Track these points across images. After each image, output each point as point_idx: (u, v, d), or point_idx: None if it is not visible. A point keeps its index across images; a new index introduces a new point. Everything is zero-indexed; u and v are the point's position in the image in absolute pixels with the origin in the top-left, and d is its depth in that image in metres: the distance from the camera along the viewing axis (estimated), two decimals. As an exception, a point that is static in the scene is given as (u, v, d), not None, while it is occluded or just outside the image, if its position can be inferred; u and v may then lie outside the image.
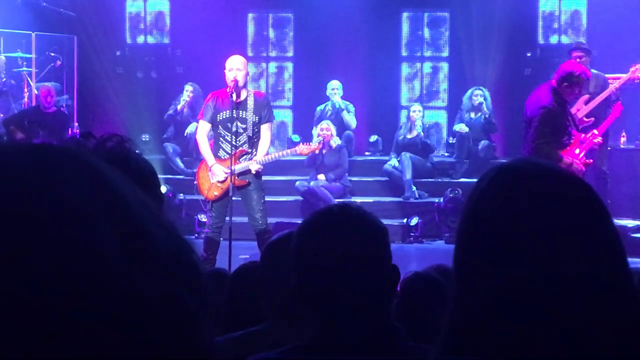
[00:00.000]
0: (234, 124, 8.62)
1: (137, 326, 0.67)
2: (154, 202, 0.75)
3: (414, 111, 13.38)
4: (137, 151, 1.36)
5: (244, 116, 8.67)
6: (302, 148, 9.52)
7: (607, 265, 1.39)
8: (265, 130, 8.82)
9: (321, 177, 12.53)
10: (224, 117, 8.69)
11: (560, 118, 8.73)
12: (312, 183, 12.40)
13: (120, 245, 0.68)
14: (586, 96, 11.22)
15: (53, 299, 0.65)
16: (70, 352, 0.65)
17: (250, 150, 8.74)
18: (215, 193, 8.79)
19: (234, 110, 8.61)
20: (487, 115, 13.30)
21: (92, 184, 0.70)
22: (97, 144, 1.34)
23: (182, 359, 0.70)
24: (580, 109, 11.27)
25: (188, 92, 13.74)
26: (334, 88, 13.62)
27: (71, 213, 0.68)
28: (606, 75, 11.58)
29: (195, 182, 9.24)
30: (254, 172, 8.68)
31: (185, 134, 13.60)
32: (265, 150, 8.79)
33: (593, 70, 11.46)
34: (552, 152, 8.67)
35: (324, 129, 12.54)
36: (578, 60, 11.52)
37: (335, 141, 12.66)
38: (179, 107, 13.74)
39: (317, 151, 10.93)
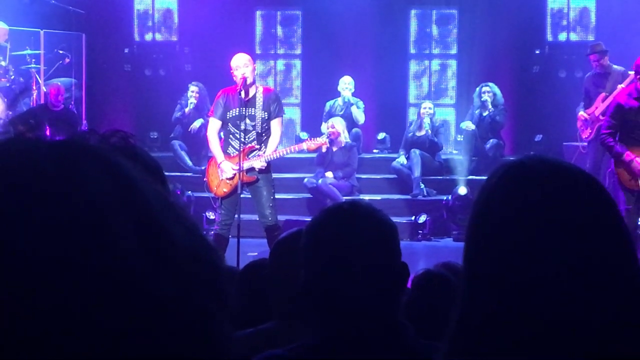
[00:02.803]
0: (243, 121, 8.63)
1: (154, 325, 0.67)
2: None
3: (424, 108, 13.37)
4: (141, 147, 1.35)
5: (252, 113, 8.68)
6: (310, 143, 9.50)
7: (617, 262, 1.38)
8: (276, 125, 8.83)
9: (329, 174, 12.52)
10: (233, 114, 8.71)
11: (632, 113, 8.78)
12: (319, 180, 12.39)
13: (139, 243, 0.68)
14: (603, 94, 11.21)
15: (73, 297, 0.65)
16: (86, 348, 0.65)
17: (259, 146, 8.75)
18: (224, 190, 8.80)
19: (243, 108, 8.62)
20: (492, 113, 13.26)
21: (113, 181, 0.71)
22: (101, 140, 1.33)
23: (198, 358, 0.70)
24: (599, 107, 11.27)
25: (194, 93, 13.74)
26: (346, 83, 13.62)
27: (92, 212, 0.68)
28: (617, 67, 11.54)
29: (204, 179, 9.26)
30: (257, 169, 8.68)
31: (189, 130, 13.61)
32: (274, 146, 8.80)
33: (615, 67, 11.41)
34: (613, 145, 8.83)
35: (330, 127, 12.52)
36: (595, 63, 11.50)
37: (343, 139, 12.61)
38: (186, 110, 13.73)
39: (324, 147, 10.91)
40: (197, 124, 13.40)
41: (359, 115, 13.52)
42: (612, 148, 8.91)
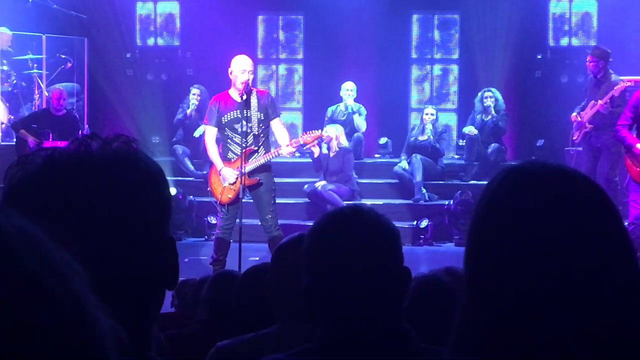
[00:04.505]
0: (240, 123, 8.62)
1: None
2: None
3: (426, 114, 13.35)
4: (144, 152, 1.36)
5: (248, 115, 8.67)
6: (306, 137, 9.45)
7: (618, 267, 1.38)
8: (278, 124, 8.86)
9: (322, 183, 12.39)
10: (230, 118, 8.70)
11: None
12: (319, 186, 12.33)
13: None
14: (592, 101, 11.18)
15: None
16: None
17: (257, 148, 8.75)
18: (229, 196, 8.79)
19: (244, 110, 8.61)
20: (494, 119, 13.26)
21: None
22: (103, 145, 1.33)
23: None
24: (587, 112, 11.25)
25: (195, 95, 13.76)
26: (348, 89, 13.60)
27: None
28: (622, 78, 11.48)
29: (208, 189, 9.23)
30: (287, 154, 8.83)
31: (195, 136, 13.60)
32: (288, 139, 8.83)
33: (613, 77, 11.36)
34: (625, 136, 8.96)
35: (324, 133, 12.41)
36: (588, 64, 11.47)
37: (335, 144, 12.49)
38: (188, 111, 13.75)
39: (316, 152, 10.88)
40: (201, 129, 13.40)
41: (361, 124, 13.52)
42: (624, 139, 9.03)
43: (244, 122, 8.63)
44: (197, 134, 13.55)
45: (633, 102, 9.12)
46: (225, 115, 8.71)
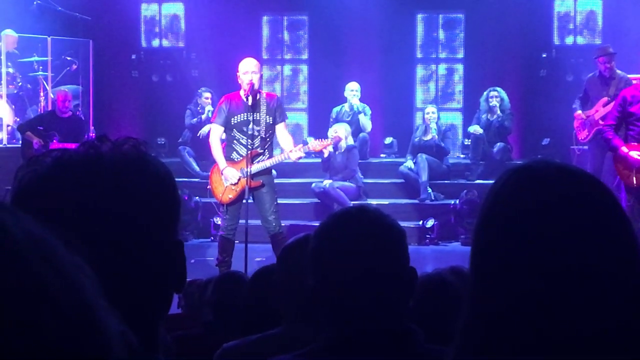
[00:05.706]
0: (249, 126, 8.63)
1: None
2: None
3: (427, 113, 13.34)
4: (152, 154, 1.36)
5: (257, 118, 8.68)
6: (315, 144, 9.45)
7: (623, 267, 1.38)
8: (283, 129, 8.85)
9: (328, 182, 12.40)
10: (239, 120, 8.71)
11: (633, 107, 8.77)
12: (327, 184, 12.33)
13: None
14: (605, 99, 11.15)
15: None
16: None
17: (262, 151, 8.75)
18: (230, 196, 8.80)
19: (250, 113, 8.62)
20: (499, 119, 13.24)
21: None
22: (113, 147, 1.34)
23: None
24: (599, 110, 11.20)
25: (208, 99, 13.71)
26: (353, 90, 13.59)
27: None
28: (629, 76, 11.45)
29: (208, 187, 9.24)
30: (295, 159, 8.79)
31: (198, 135, 13.56)
32: (292, 145, 8.82)
33: (618, 72, 11.36)
34: (611, 138, 8.84)
35: (333, 132, 12.44)
36: (604, 65, 11.41)
37: (344, 144, 12.52)
38: (203, 117, 13.62)
39: (326, 152, 10.88)
40: (206, 129, 13.38)
41: (367, 123, 13.50)
42: (610, 141, 8.90)
43: (253, 125, 8.64)
44: (200, 132, 13.51)
45: (619, 101, 9.01)
46: (235, 117, 8.71)
